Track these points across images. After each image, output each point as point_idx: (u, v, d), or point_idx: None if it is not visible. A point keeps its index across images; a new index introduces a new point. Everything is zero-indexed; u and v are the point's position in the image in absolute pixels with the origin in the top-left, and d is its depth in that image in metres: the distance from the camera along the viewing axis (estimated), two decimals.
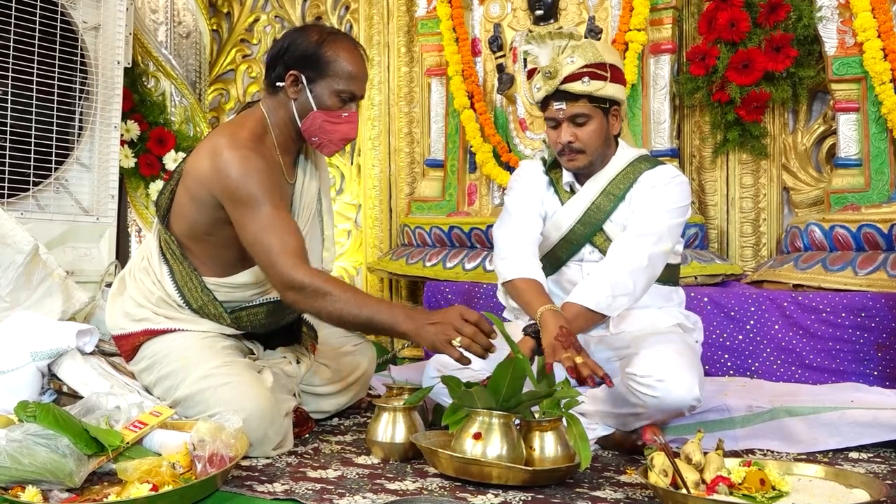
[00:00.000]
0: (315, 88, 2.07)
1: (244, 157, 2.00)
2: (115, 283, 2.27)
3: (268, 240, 1.95)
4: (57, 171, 3.24)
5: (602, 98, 2.16)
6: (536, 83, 2.21)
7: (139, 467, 1.60)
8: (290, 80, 2.08)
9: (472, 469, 1.71)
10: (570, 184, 2.29)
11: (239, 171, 1.98)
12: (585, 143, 2.19)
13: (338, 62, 2.06)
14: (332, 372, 2.41)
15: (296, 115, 2.10)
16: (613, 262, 2.11)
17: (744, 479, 1.58)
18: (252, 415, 1.90)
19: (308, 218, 2.25)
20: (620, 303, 2.07)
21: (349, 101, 2.10)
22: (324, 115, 2.08)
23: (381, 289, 3.95)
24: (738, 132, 3.15)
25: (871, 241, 2.75)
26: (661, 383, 1.93)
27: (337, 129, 2.10)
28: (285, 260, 1.93)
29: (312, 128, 2.10)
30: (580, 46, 2.16)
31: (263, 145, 2.09)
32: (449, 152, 3.69)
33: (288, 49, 2.09)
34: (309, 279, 1.92)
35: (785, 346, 2.73)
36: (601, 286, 2.07)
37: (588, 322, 2.08)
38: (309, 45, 2.07)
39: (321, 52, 2.06)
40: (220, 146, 2.03)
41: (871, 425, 2.10)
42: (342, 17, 4.18)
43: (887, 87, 2.80)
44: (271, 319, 2.22)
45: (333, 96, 2.07)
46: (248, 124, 2.12)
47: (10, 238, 2.50)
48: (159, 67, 3.87)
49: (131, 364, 2.17)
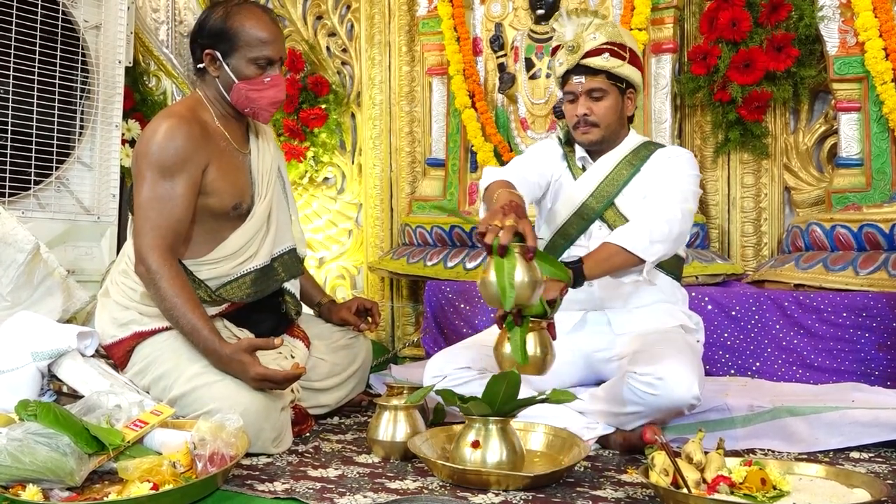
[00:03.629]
0: (231, 62, 2.15)
1: (171, 125, 2.08)
2: (100, 298, 2.29)
3: (147, 212, 2.06)
4: (58, 171, 3.24)
5: (619, 77, 2.24)
6: (559, 58, 2.29)
7: (140, 466, 1.60)
8: (207, 60, 2.17)
9: (471, 478, 1.71)
10: (583, 160, 2.34)
11: (161, 137, 2.07)
12: (600, 118, 2.25)
13: (244, 31, 2.13)
14: (329, 366, 2.41)
15: (223, 90, 2.18)
16: (649, 213, 2.10)
17: (745, 478, 1.58)
18: (247, 409, 1.90)
19: (269, 185, 2.28)
20: (657, 249, 2.04)
21: (268, 66, 2.16)
22: (246, 84, 2.15)
23: (382, 288, 3.95)
24: (739, 132, 3.15)
25: (873, 240, 2.75)
26: (660, 381, 1.93)
27: (263, 95, 2.17)
28: (150, 238, 2.04)
29: (240, 100, 2.18)
30: (604, 25, 2.25)
31: (199, 115, 2.17)
32: (450, 152, 3.69)
33: (200, 30, 2.17)
34: (157, 265, 2.02)
35: (786, 346, 2.73)
36: (640, 231, 2.04)
37: (623, 263, 2.03)
38: (216, 21, 2.14)
39: (227, 24, 2.13)
40: (153, 121, 2.15)
41: (872, 425, 2.10)
42: (343, 16, 4.17)
43: (889, 87, 2.80)
44: (256, 288, 2.24)
45: (250, 65, 2.15)
46: (185, 101, 2.25)
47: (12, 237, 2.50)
48: (160, 66, 3.87)
49: (125, 370, 2.17)
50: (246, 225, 2.21)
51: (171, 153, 2.06)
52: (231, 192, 2.17)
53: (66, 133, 3.28)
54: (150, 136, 2.09)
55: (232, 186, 2.18)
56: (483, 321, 3.11)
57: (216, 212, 2.16)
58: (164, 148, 2.06)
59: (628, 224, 2.11)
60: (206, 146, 2.12)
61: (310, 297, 2.57)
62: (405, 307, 3.87)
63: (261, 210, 2.23)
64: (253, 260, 2.22)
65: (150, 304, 2.13)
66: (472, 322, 3.16)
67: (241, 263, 2.21)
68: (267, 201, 2.25)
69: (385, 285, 3.94)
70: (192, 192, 2.10)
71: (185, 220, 2.10)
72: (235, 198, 2.18)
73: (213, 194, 2.14)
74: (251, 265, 2.22)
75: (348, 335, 2.52)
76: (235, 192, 2.18)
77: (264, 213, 2.25)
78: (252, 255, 2.22)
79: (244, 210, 2.21)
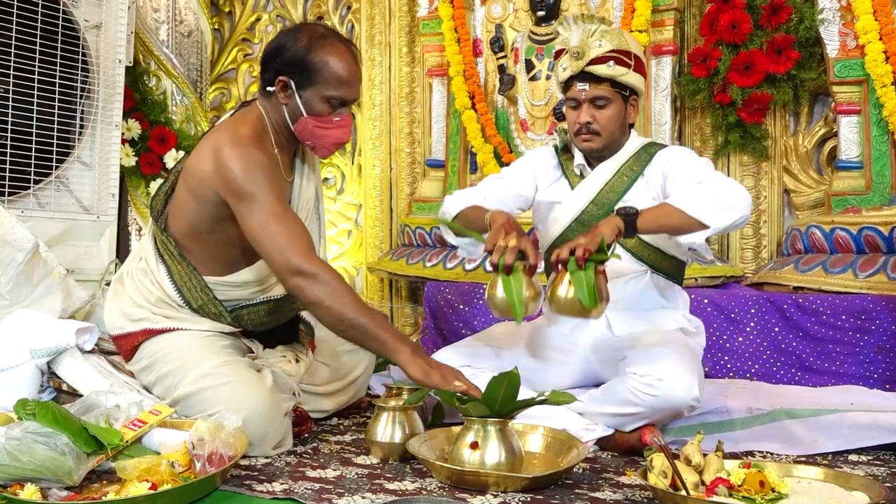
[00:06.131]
0: (304, 94, 2.05)
1: (246, 153, 2.00)
2: (113, 284, 2.27)
3: (275, 228, 1.95)
4: (58, 170, 3.24)
5: (624, 84, 2.20)
6: (563, 63, 2.25)
7: (138, 466, 1.60)
8: (279, 86, 2.06)
9: (469, 479, 1.71)
10: (581, 167, 2.31)
11: (241, 166, 1.98)
12: (603, 126, 2.21)
13: (326, 68, 2.03)
14: (331, 371, 2.41)
15: (287, 118, 2.10)
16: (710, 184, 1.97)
17: (743, 480, 1.58)
18: (252, 414, 1.89)
19: (306, 216, 2.25)
20: (726, 216, 1.90)
21: (340, 107, 2.08)
22: (314, 120, 2.06)
23: (381, 289, 3.95)
24: (739, 134, 3.15)
25: (872, 243, 2.75)
26: (660, 382, 1.93)
27: (328, 133, 2.09)
28: (295, 247, 1.93)
29: (304, 132, 2.09)
30: (609, 32, 2.21)
31: (263, 142, 2.09)
32: (450, 153, 3.69)
33: (277, 53, 2.07)
34: (317, 268, 1.92)
35: (785, 349, 2.73)
36: (703, 195, 1.92)
37: (679, 225, 1.92)
38: (298, 50, 2.04)
39: (309, 57, 2.03)
40: (221, 143, 2.02)
41: (871, 428, 2.10)
42: (344, 16, 4.18)
43: (889, 90, 2.80)
44: (272, 317, 2.22)
45: (323, 102, 2.05)
46: (248, 122, 2.12)
47: (11, 236, 2.50)
48: (160, 66, 3.88)
49: (130, 364, 2.17)
50: None
51: (255, 175, 1.97)
52: None
53: (66, 132, 3.28)
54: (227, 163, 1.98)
55: None
56: (482, 322, 3.10)
57: None
58: (246, 172, 1.96)
59: (692, 191, 1.97)
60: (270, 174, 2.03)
61: None
62: (404, 308, 3.87)
63: None
64: (273, 289, 2.18)
65: (164, 308, 2.12)
66: (471, 323, 3.15)
67: (261, 290, 2.18)
68: None
69: (384, 286, 3.94)
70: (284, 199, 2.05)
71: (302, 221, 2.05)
72: None
73: None
74: (270, 294, 2.19)
75: None
76: None
77: None
78: (273, 283, 2.17)
79: None
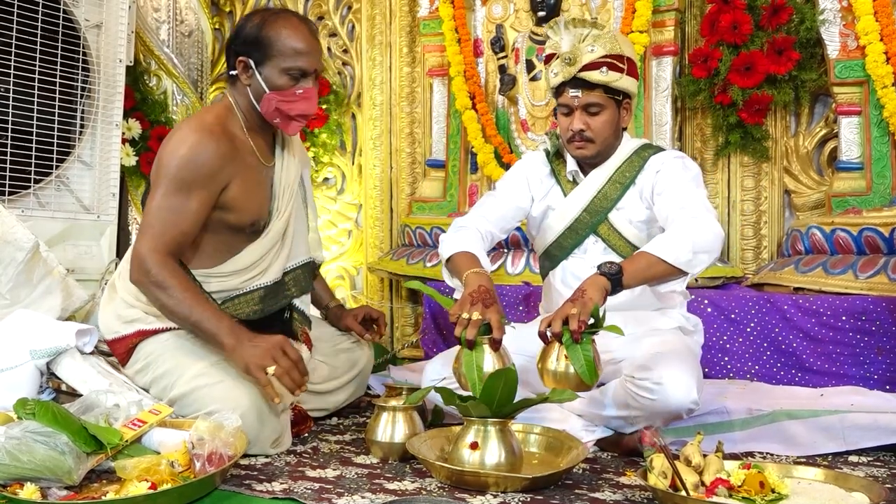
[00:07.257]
0: (264, 71, 2.09)
1: (200, 140, 2.03)
2: (107, 289, 2.29)
3: (153, 219, 2.03)
4: (58, 169, 3.23)
5: (617, 90, 2.17)
6: (554, 69, 2.20)
7: (138, 465, 1.60)
8: (240, 67, 2.11)
9: (469, 479, 1.71)
10: (574, 173, 2.29)
11: (186, 150, 2.02)
12: (596, 133, 2.19)
13: (280, 40, 2.07)
14: (329, 369, 2.41)
15: (253, 100, 2.13)
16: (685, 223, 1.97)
17: (743, 481, 1.58)
18: (247, 412, 1.90)
19: (290, 200, 2.24)
20: (702, 260, 1.92)
21: (301, 78, 2.10)
22: (277, 95, 2.09)
23: (382, 289, 3.95)
24: (739, 135, 3.15)
25: (872, 244, 2.75)
26: (659, 386, 1.93)
27: (293, 107, 2.11)
28: (150, 242, 2.01)
29: (269, 110, 2.11)
30: (601, 36, 2.17)
31: (229, 127, 2.12)
32: (450, 153, 3.69)
33: (235, 36, 2.12)
34: (157, 269, 1.99)
35: (785, 350, 2.73)
36: (682, 242, 1.91)
37: (664, 273, 1.92)
38: (251, 28, 2.09)
39: (262, 33, 2.07)
40: (182, 128, 2.08)
41: (871, 429, 2.10)
42: (344, 17, 4.17)
43: (889, 91, 2.80)
44: (265, 305, 2.22)
45: (283, 75, 2.08)
46: (214, 109, 2.18)
47: (11, 235, 2.50)
48: (161, 66, 3.87)
49: (127, 367, 2.17)
50: (261, 241, 2.17)
51: (192, 169, 2.01)
52: (251, 209, 2.14)
53: (67, 132, 3.28)
54: (176, 146, 2.03)
55: (252, 204, 2.14)
56: None
57: (232, 227, 2.13)
58: (187, 162, 2.01)
59: (668, 234, 1.98)
60: (232, 163, 2.07)
61: (319, 300, 2.56)
62: (404, 308, 3.87)
63: (278, 226, 2.20)
64: (264, 276, 2.19)
65: None
66: None
67: (251, 279, 2.18)
68: (284, 218, 2.21)
69: (384, 286, 3.94)
70: (205, 208, 2.06)
71: (191, 235, 2.07)
72: (254, 215, 2.15)
73: (233, 211, 2.11)
74: (262, 281, 2.19)
75: (350, 340, 2.52)
76: (255, 210, 2.15)
77: (281, 229, 2.21)
78: (264, 270, 2.19)
79: (261, 226, 2.18)
